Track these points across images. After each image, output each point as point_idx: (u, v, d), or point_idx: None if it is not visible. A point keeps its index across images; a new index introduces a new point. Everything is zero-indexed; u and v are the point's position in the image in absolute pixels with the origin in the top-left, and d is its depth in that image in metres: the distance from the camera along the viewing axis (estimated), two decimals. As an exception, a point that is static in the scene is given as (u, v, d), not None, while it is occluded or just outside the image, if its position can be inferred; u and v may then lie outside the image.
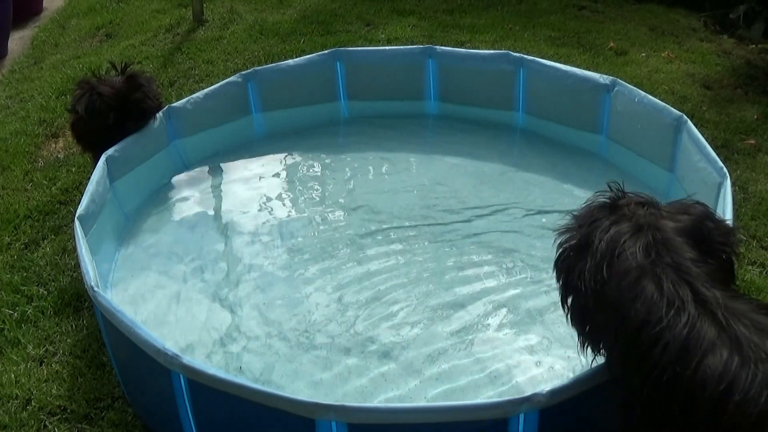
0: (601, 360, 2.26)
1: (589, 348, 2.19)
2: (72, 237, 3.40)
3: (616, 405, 2.08)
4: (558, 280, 2.25)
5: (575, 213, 2.26)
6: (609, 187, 2.25)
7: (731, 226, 2.18)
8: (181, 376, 2.40)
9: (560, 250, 2.22)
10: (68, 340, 3.12)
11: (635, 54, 5.40)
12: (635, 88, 3.91)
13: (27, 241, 3.73)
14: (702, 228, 2.08)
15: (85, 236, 3.01)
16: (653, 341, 1.89)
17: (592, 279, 2.04)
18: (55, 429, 2.75)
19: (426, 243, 3.55)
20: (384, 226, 3.66)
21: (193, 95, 4.14)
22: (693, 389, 1.83)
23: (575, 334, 2.93)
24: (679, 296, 1.91)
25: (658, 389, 1.89)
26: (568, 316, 2.23)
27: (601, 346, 2.16)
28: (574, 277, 2.13)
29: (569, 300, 2.20)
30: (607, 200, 2.20)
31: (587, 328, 2.17)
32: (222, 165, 4.21)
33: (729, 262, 2.12)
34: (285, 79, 4.39)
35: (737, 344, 1.83)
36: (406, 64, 4.48)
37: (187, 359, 2.37)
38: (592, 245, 2.06)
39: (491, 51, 4.47)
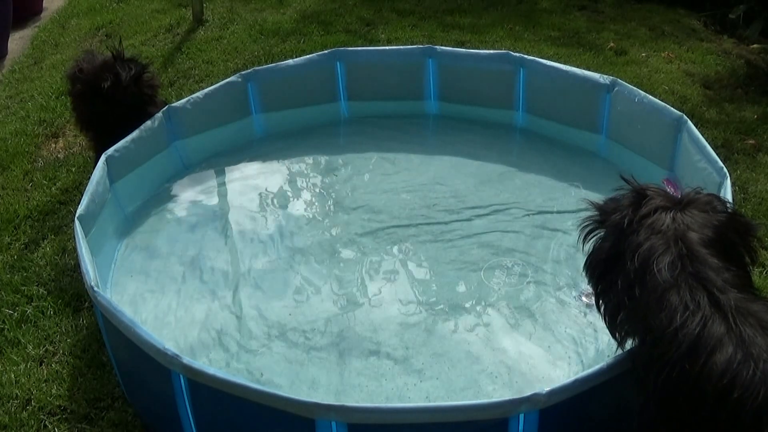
0: (600, 360, 2.31)
1: (619, 343, 2.30)
2: (72, 237, 3.40)
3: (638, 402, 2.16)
4: (589, 283, 2.38)
5: (600, 206, 2.34)
6: (625, 179, 2.33)
7: (754, 229, 2.25)
8: (181, 376, 2.40)
9: (591, 255, 2.33)
10: (68, 340, 3.13)
11: (635, 54, 5.40)
12: (635, 88, 3.91)
13: (27, 241, 3.73)
14: (725, 240, 2.17)
15: (85, 236, 3.01)
16: (669, 341, 1.98)
17: (624, 295, 2.16)
18: (55, 429, 2.75)
19: (426, 243, 3.55)
20: (384, 226, 3.66)
21: (193, 95, 4.13)
22: (700, 384, 1.91)
23: (575, 334, 2.98)
24: (695, 300, 2.01)
25: (668, 385, 1.97)
26: (603, 319, 2.35)
27: (629, 341, 2.27)
28: (605, 287, 2.27)
29: (601, 305, 2.33)
30: (632, 200, 2.26)
31: (617, 329, 2.28)
32: (222, 165, 4.20)
33: (750, 264, 2.22)
34: (285, 79, 4.38)
35: (741, 343, 1.90)
36: (406, 64, 4.48)
37: (187, 359, 2.37)
38: (625, 262, 2.17)
39: (491, 51, 4.46)
